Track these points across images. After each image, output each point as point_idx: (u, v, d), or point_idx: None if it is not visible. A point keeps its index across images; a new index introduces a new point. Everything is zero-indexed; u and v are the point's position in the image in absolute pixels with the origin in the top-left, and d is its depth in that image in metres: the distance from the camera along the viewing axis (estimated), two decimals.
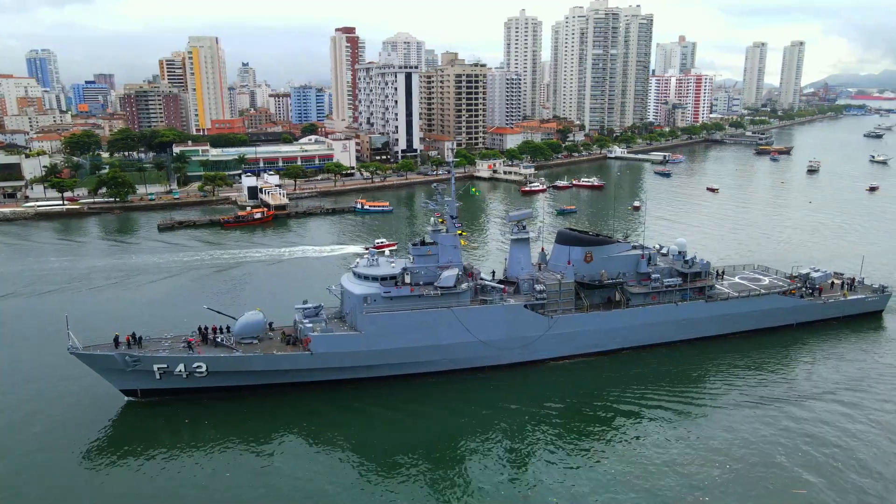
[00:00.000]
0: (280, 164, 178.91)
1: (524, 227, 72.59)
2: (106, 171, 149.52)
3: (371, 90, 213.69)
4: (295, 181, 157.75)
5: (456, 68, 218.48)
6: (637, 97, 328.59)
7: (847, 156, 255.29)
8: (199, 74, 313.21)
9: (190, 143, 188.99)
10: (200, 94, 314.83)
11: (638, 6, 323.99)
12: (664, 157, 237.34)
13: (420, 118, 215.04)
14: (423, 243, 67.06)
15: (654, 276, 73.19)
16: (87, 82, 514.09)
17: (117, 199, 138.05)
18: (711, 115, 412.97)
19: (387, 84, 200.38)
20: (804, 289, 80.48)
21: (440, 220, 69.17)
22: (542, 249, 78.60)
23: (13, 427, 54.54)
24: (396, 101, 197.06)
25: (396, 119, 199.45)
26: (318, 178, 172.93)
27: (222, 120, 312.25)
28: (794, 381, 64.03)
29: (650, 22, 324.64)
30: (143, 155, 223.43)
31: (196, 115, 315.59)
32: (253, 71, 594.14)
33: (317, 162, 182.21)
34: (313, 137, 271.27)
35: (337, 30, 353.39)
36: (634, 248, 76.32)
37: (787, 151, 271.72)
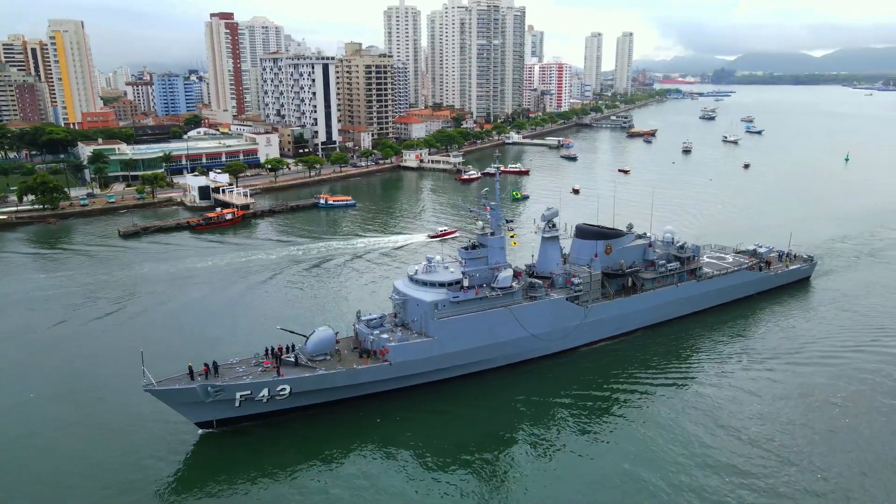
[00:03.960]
0: (204, 160, 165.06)
1: (554, 225, 74.24)
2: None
3: (281, 81, 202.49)
4: (236, 178, 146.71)
5: (365, 59, 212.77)
6: (515, 85, 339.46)
7: (700, 136, 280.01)
8: (64, 62, 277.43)
9: (100, 140, 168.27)
10: (67, 84, 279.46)
11: None
12: (559, 141, 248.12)
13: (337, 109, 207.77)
14: (473, 247, 66.98)
15: (658, 262, 78.31)
16: None
17: (48, 207, 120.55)
18: (571, 101, 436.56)
19: (301, 75, 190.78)
20: (760, 263, 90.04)
21: (475, 220, 69.61)
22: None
23: (84, 475, 48.50)
24: (314, 93, 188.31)
25: (315, 111, 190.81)
26: (249, 174, 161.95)
27: (95, 113, 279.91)
28: (778, 339, 72.11)
29: (523, 14, 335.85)
30: (16, 155, 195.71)
31: (64, 107, 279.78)
32: None
33: (241, 157, 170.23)
34: (202, 130, 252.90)
35: (213, 15, 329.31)
36: (638, 237, 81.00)
37: (653, 134, 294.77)
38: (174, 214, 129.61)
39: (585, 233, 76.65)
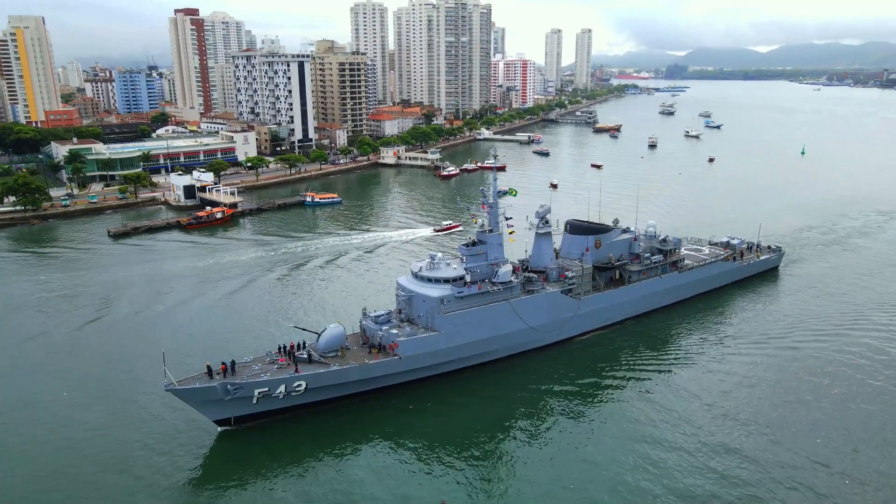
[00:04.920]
0: (182, 159, 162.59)
1: (547, 222, 76.39)
2: None
3: (255, 79, 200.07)
4: (219, 177, 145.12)
5: (339, 57, 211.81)
6: (482, 81, 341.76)
7: (662, 131, 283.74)
8: (25, 60, 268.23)
9: (75, 140, 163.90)
10: (29, 81, 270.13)
11: None
12: (529, 137, 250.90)
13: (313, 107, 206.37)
14: (473, 244, 68.77)
15: (644, 255, 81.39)
16: None
17: (29, 208, 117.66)
18: (535, 97, 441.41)
19: (276, 73, 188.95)
20: (733, 254, 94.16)
21: (475, 220, 71.60)
22: None
23: (109, 472, 48.86)
24: (290, 91, 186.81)
25: (291, 109, 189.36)
26: (228, 172, 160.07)
27: (59, 111, 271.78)
28: (763, 324, 76.12)
29: (489, 11, 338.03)
30: None
31: (25, 105, 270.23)
32: None
33: (219, 156, 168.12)
34: (170, 128, 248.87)
35: (177, 11, 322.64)
36: (624, 232, 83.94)
37: (618, 129, 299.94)
38: (158, 214, 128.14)
39: (576, 228, 79.12)
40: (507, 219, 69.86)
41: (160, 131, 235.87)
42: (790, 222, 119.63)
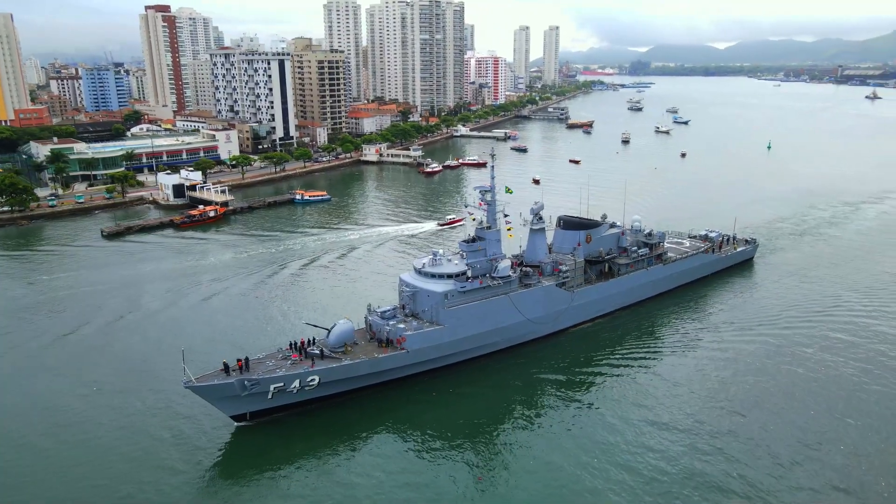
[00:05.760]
0: (164, 158, 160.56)
1: (541, 218, 78.66)
2: None
3: (234, 76, 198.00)
4: (206, 175, 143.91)
5: (318, 55, 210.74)
6: (456, 78, 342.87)
7: (633, 127, 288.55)
8: None
9: (56, 139, 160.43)
10: None
11: None
12: (505, 133, 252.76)
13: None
14: (472, 240, 70.58)
15: (631, 249, 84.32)
16: None
17: (16, 208, 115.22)
18: (507, 93, 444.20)
19: (255, 71, 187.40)
20: (712, 246, 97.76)
21: (472, 217, 73.64)
22: None
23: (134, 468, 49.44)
24: (271, 89, 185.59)
25: (272, 107, 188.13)
26: (214, 170, 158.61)
27: (29, 110, 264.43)
28: (735, 311, 79.81)
29: (462, 9, 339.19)
30: None
31: None
32: None
33: (201, 154, 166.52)
34: (144, 126, 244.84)
35: (148, 8, 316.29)
36: (611, 227, 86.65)
37: (591, 125, 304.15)
38: (147, 213, 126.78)
39: (568, 224, 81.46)
40: (505, 216, 71.93)
41: (134, 130, 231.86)
42: (763, 215, 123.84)
